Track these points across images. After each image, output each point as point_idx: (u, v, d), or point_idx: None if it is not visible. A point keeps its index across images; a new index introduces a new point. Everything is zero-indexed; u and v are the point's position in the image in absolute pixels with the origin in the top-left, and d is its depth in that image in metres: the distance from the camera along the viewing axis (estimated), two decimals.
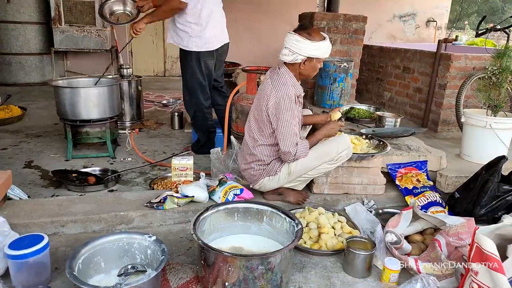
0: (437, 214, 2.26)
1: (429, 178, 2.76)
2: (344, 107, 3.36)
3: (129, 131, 3.66)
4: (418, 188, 2.67)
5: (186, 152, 3.35)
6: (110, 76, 3.86)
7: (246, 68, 3.59)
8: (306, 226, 2.22)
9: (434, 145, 3.22)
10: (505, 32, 3.75)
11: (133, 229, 2.24)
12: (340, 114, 2.55)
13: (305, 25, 2.30)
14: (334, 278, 1.92)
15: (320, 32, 2.28)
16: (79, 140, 3.25)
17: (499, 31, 3.81)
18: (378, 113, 3.46)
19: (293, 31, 2.24)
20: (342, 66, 3.66)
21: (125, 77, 4.05)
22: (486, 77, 3.18)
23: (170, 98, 5.77)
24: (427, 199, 2.60)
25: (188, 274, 1.86)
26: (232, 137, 2.96)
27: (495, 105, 2.96)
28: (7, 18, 6.01)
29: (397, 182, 2.71)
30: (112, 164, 3.13)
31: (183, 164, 2.58)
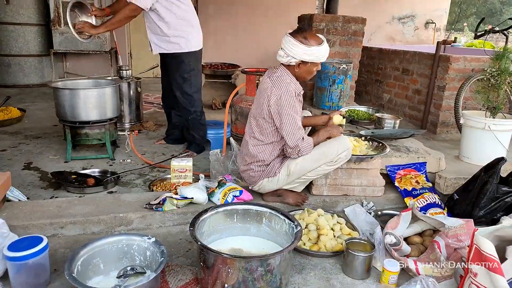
0: (436, 216, 2.26)
1: (428, 180, 2.76)
2: (343, 109, 3.36)
3: (129, 133, 3.66)
4: (417, 190, 2.67)
5: (185, 154, 3.35)
6: (110, 78, 3.86)
7: (246, 70, 3.60)
8: (305, 228, 2.22)
9: (433, 147, 3.22)
10: (504, 34, 3.76)
11: (132, 231, 2.24)
12: (341, 118, 2.54)
13: (304, 28, 2.29)
14: (334, 280, 1.92)
15: (318, 36, 2.26)
16: (79, 142, 3.25)
17: (498, 33, 3.82)
18: (377, 115, 3.47)
19: (290, 34, 2.23)
20: (341, 68, 3.67)
21: (125, 79, 4.05)
22: (485, 79, 3.19)
23: None
24: (426, 201, 2.60)
25: (188, 276, 1.85)
26: (232, 139, 2.96)
27: (494, 107, 2.97)
28: (7, 20, 5.99)
29: (396, 184, 2.71)
30: (112, 166, 3.13)
31: (182, 166, 2.58)
